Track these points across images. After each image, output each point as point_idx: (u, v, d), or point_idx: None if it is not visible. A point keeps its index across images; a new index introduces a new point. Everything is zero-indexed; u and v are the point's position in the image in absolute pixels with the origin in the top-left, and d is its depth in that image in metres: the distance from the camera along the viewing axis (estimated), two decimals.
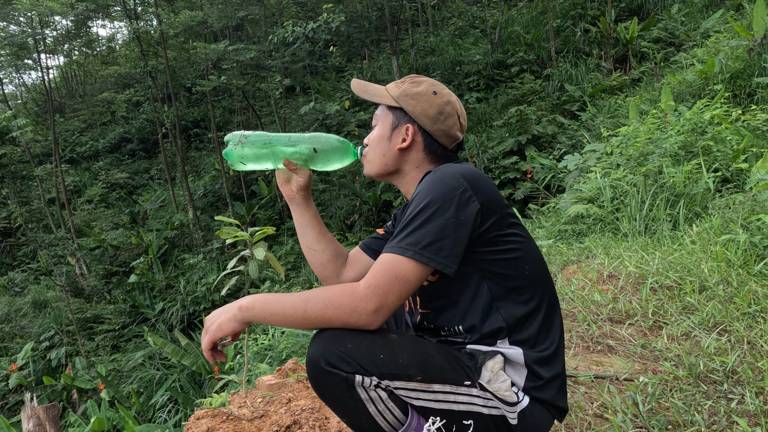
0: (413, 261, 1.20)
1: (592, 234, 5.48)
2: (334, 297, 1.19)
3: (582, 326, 2.46)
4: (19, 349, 15.57)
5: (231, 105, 21.82)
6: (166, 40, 16.79)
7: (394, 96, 1.48)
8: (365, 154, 1.54)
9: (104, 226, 21.34)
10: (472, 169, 1.34)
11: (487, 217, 1.27)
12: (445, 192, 1.23)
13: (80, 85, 33.35)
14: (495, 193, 1.32)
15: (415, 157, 1.47)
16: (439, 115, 1.44)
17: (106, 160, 26.88)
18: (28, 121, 13.25)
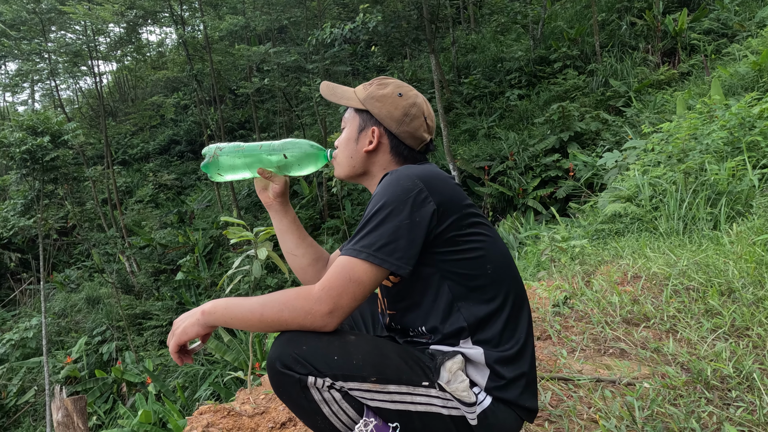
0: (367, 263, 1.20)
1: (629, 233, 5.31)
2: (289, 300, 1.20)
3: (596, 328, 2.39)
4: (74, 342, 16.34)
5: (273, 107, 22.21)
6: (211, 45, 17.25)
7: (360, 99, 1.48)
8: (335, 156, 1.54)
9: (153, 226, 22.12)
10: (431, 169, 1.32)
11: (444, 217, 1.25)
12: (400, 193, 1.23)
13: (131, 90, 34.66)
14: (454, 193, 1.30)
15: (381, 159, 1.47)
16: (404, 117, 1.44)
17: (156, 161, 27.83)
18: (79, 125, 13.88)
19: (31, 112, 28.14)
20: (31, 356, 16.09)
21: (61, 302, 18.67)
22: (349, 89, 1.55)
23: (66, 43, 19.05)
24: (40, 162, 11.58)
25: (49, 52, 18.53)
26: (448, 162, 13.45)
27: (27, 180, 12.01)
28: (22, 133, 11.52)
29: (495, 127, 15.58)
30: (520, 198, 12.69)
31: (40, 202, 12.20)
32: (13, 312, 20.47)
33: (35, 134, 11.73)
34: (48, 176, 12.24)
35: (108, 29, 22.80)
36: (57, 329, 17.14)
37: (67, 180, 12.93)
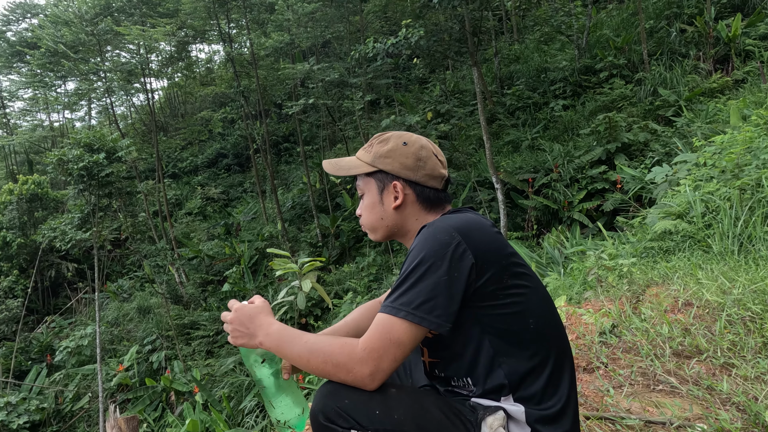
0: (406, 322, 1.20)
1: (680, 252, 5.12)
2: (334, 353, 1.22)
3: (645, 361, 2.31)
4: (126, 351, 16.91)
5: (317, 120, 22.54)
6: (257, 61, 17.69)
7: (368, 161, 1.50)
8: (364, 224, 1.56)
9: (201, 237, 22.74)
10: (469, 219, 1.31)
11: (483, 270, 1.24)
12: (438, 248, 1.23)
13: (181, 105, 35.86)
14: (493, 243, 1.28)
15: (411, 209, 1.48)
16: (418, 162, 1.45)
17: (204, 174, 28.64)
18: (132, 142, 14.45)
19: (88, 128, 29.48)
20: (86, 363, 16.72)
21: (114, 311, 19.38)
22: (351, 158, 1.57)
23: (121, 63, 19.89)
24: (95, 177, 12.11)
25: (105, 71, 19.40)
26: (491, 174, 13.32)
27: (84, 195, 12.57)
28: (79, 150, 12.09)
29: (539, 138, 15.36)
30: (566, 211, 12.44)
31: (96, 215, 12.72)
32: (69, 320, 21.36)
33: (92, 151, 12.28)
34: (103, 191, 12.77)
35: (160, 48, 23.68)
36: (110, 338, 17.77)
37: (121, 194, 13.45)
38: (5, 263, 22.36)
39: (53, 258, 23.06)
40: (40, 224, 23.83)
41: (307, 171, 19.38)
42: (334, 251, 17.61)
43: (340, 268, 16.74)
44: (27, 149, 33.17)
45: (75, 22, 17.83)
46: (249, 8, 16.96)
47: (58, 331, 20.41)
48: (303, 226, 20.03)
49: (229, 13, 18.68)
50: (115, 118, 25.69)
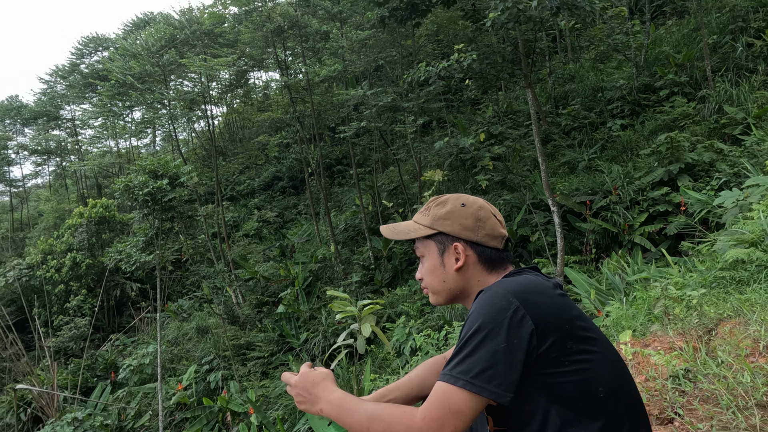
0: (465, 391, 1.17)
1: (755, 284, 4.84)
2: (393, 422, 1.21)
3: (726, 414, 2.16)
4: (185, 370, 17.37)
5: (369, 144, 22.80)
6: (312, 88, 18.13)
7: (427, 224, 1.50)
8: (425, 287, 1.55)
9: (257, 259, 23.26)
10: (528, 282, 1.27)
11: (545, 337, 1.19)
12: (495, 314, 1.20)
13: (239, 130, 37.11)
14: (555, 307, 1.23)
15: (473, 271, 1.46)
16: (477, 222, 1.44)
17: (260, 197, 29.41)
18: (193, 168, 15.06)
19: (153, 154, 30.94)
20: (147, 382, 17.27)
21: (174, 331, 20.01)
22: (409, 222, 1.58)
23: (183, 92, 20.82)
24: (159, 202, 12.64)
25: (169, 100, 20.36)
26: (547, 197, 13.05)
27: (148, 219, 13.12)
28: (144, 176, 12.67)
29: (596, 159, 14.98)
30: (626, 234, 12.01)
31: (159, 238, 13.23)
32: (132, 338, 22.20)
33: (156, 177, 12.86)
34: (166, 215, 13.30)
35: (219, 76, 24.65)
36: (170, 356, 18.31)
37: (182, 218, 13.96)
38: (75, 283, 23.55)
39: (118, 278, 24.12)
40: (107, 246, 25.03)
41: (360, 193, 19.57)
42: (387, 274, 17.61)
43: (393, 290, 16.71)
44: (96, 174, 35.09)
45: (142, 54, 18.89)
46: (304, 37, 17.46)
47: (121, 349, 21.23)
48: (356, 248, 20.17)
49: (285, 41, 19.30)
50: (178, 144, 26.87)
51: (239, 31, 18.12)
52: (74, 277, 23.46)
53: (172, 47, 18.91)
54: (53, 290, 23.09)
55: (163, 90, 20.12)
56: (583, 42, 19.33)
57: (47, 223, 33.96)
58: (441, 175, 13.07)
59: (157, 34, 19.48)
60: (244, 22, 17.14)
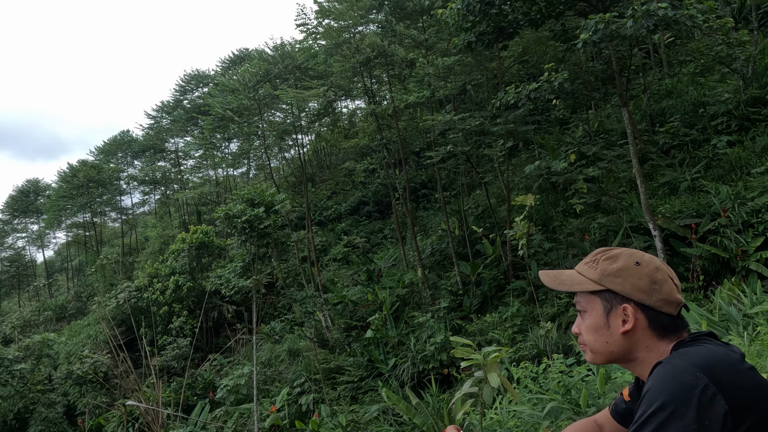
0: None
1: None
2: None
3: None
4: (278, 392, 17.84)
5: (455, 167, 22.73)
6: (398, 114, 18.43)
7: (594, 279, 1.39)
8: (582, 344, 1.46)
9: (345, 283, 23.66)
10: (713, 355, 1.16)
11: (740, 419, 1.07)
12: (680, 391, 1.09)
13: (327, 157, 38.29)
14: (749, 383, 1.11)
15: (641, 336, 1.34)
16: (653, 285, 1.32)
17: (347, 221, 30.04)
18: (286, 196, 15.70)
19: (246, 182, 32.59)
20: (243, 402, 17.90)
21: (267, 353, 20.67)
22: (572, 272, 1.48)
23: (276, 123, 21.85)
24: (256, 230, 13.24)
25: (263, 131, 21.44)
26: (648, 220, 12.37)
27: (245, 246, 13.75)
28: (242, 205, 13.35)
29: (700, 179, 14.04)
30: (740, 260, 11.10)
31: (255, 264, 13.81)
32: (229, 359, 23.16)
33: (253, 206, 13.50)
34: (261, 241, 13.88)
35: (309, 106, 25.66)
36: (263, 378, 18.90)
37: (276, 244, 14.50)
38: (177, 305, 25.04)
39: (216, 300, 25.36)
40: (206, 269, 26.49)
41: (446, 217, 19.47)
42: (475, 300, 17.31)
43: (482, 317, 16.38)
44: (197, 201, 37.39)
45: (240, 89, 20.08)
46: (391, 65, 17.84)
47: (219, 369, 22.20)
48: (443, 273, 20.01)
49: (372, 70, 19.80)
50: (271, 173, 28.11)
51: (329, 64, 18.83)
52: (177, 299, 24.95)
53: (267, 81, 19.97)
54: (158, 311, 24.67)
55: (258, 122, 21.21)
56: (680, 56, 18.34)
57: (153, 248, 36.50)
58: (533, 199, 12.76)
59: (252, 69, 20.67)
60: (335, 56, 17.80)
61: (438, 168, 20.79)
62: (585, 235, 15.62)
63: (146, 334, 23.93)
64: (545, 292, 15.44)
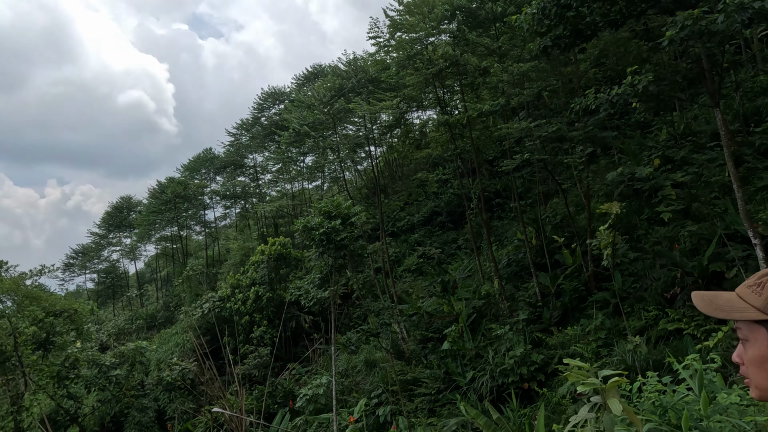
0: None
1: None
2: None
3: None
4: (355, 402, 17.98)
5: (531, 176, 22.20)
6: (471, 123, 18.25)
7: (759, 306, 1.24)
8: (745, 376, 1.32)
9: (419, 294, 23.57)
10: None
11: None
12: None
13: (399, 168, 38.52)
14: None
15: None
16: None
17: (419, 232, 30.00)
18: (362, 208, 15.89)
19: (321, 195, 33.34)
20: (322, 411, 18.16)
21: (344, 363, 20.90)
22: (731, 296, 1.32)
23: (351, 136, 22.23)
24: (333, 242, 13.47)
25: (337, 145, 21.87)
26: (746, 227, 11.50)
27: (323, 257, 14.01)
28: (320, 218, 13.64)
29: None
30: None
31: (332, 275, 14.03)
32: (307, 368, 23.63)
33: (329, 218, 13.76)
34: (338, 253, 14.09)
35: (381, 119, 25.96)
36: (341, 388, 19.11)
37: (353, 256, 14.68)
38: (257, 314, 25.89)
39: (294, 311, 26.00)
40: (284, 280, 27.25)
41: (523, 227, 19.01)
42: (556, 312, 16.73)
43: (563, 330, 15.80)
44: (274, 214, 38.64)
45: (315, 104, 20.63)
46: (464, 74, 17.73)
47: (297, 378, 22.69)
48: (520, 284, 19.52)
49: (444, 80, 19.75)
50: (346, 185, 28.63)
51: (401, 75, 18.98)
52: (257, 309, 25.79)
53: (341, 96, 20.39)
54: (240, 321, 25.60)
55: (333, 135, 21.68)
56: None
57: (234, 259, 38.01)
58: (618, 207, 12.21)
59: (327, 84, 21.17)
60: (408, 69, 17.91)
61: (513, 176, 20.36)
62: (674, 244, 14.76)
63: (229, 343, 24.87)
64: (631, 304, 14.69)
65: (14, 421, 18.63)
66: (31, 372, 19.82)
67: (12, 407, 18.65)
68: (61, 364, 21.05)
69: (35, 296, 20.54)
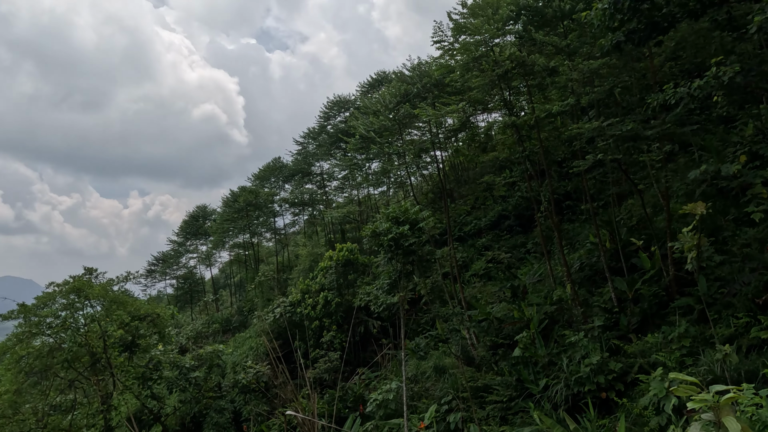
0: None
1: None
2: None
3: None
4: (425, 408, 17.88)
5: (603, 176, 21.40)
6: (539, 125, 17.80)
7: None
8: None
9: (488, 299, 23.18)
10: None
11: None
12: None
13: (464, 172, 38.13)
14: None
15: None
16: None
17: (487, 236, 29.51)
18: (430, 212, 15.83)
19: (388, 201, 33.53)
20: (392, 417, 18.18)
21: (413, 368, 20.84)
22: None
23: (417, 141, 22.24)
24: (401, 247, 13.48)
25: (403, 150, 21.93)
26: None
27: (392, 263, 14.05)
28: (388, 223, 13.69)
29: None
30: None
31: (401, 281, 14.04)
32: (376, 373, 23.75)
33: (398, 224, 13.79)
34: (407, 259, 14.08)
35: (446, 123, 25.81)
36: (410, 394, 19.06)
37: (421, 261, 14.63)
38: (327, 319, 26.30)
39: (362, 316, 26.24)
40: (351, 286, 27.56)
41: (597, 229, 18.32)
42: (634, 318, 15.99)
43: (643, 337, 15.06)
44: (341, 220, 39.23)
45: (381, 110, 20.80)
46: (530, 75, 17.33)
47: (367, 383, 22.85)
48: (594, 289, 18.80)
49: (510, 81, 19.38)
50: (412, 189, 28.64)
51: (466, 79, 18.80)
52: (326, 314, 26.21)
53: (406, 101, 20.43)
54: (310, 325, 26.10)
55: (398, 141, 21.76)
56: None
57: (303, 265, 38.86)
58: (703, 207, 11.53)
59: (392, 90, 21.29)
60: (473, 71, 17.72)
61: (585, 177, 19.66)
62: (766, 246, 13.77)
63: (300, 347, 25.41)
64: (718, 310, 13.80)
65: (104, 419, 19.82)
66: (118, 373, 21.03)
67: (102, 406, 19.85)
68: (145, 366, 22.22)
69: (121, 301, 21.80)
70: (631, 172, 19.30)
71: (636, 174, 20.22)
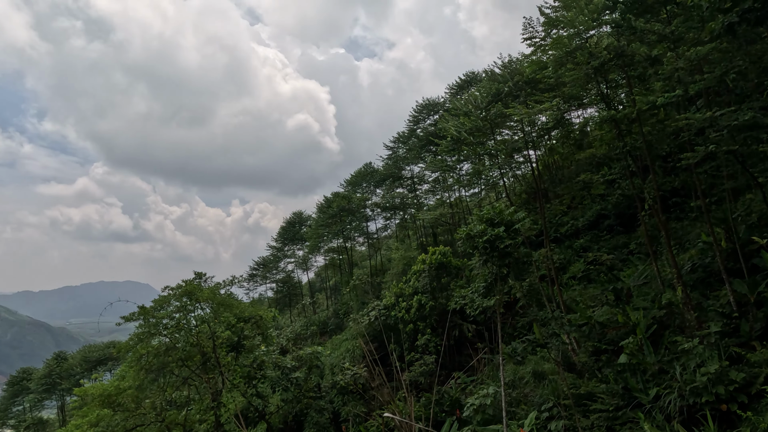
0: None
1: None
2: None
3: None
4: (524, 414, 17.40)
5: (714, 171, 19.81)
6: (641, 118, 16.79)
7: None
8: None
9: (588, 303, 22.14)
10: None
11: None
12: None
13: (559, 171, 36.75)
14: None
15: None
16: None
17: (585, 237, 28.23)
18: (526, 213, 15.41)
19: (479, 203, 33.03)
20: (490, 422, 17.85)
21: (510, 374, 20.35)
22: None
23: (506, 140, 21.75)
24: (497, 249, 13.22)
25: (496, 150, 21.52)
26: None
27: (487, 265, 13.82)
28: (483, 225, 13.48)
29: None
30: None
31: (497, 284, 13.77)
32: (472, 377, 23.44)
33: (492, 225, 13.54)
34: (502, 261, 13.79)
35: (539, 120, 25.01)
36: (508, 399, 18.62)
37: (517, 264, 14.28)
38: (421, 323, 26.33)
39: (456, 319, 26.01)
40: (445, 289, 27.41)
41: (710, 227, 16.96)
42: (757, 324, 14.63)
43: None
44: (432, 223, 39.17)
45: (472, 111, 20.55)
46: (630, 65, 16.39)
47: (463, 387, 22.60)
48: (709, 293, 17.43)
49: (607, 74, 18.44)
50: (506, 190, 28.02)
51: (560, 74, 18.12)
52: (420, 317, 26.25)
53: (498, 101, 20.05)
54: (404, 329, 26.25)
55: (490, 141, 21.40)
56: None
57: (396, 269, 39.19)
58: None
59: (483, 90, 20.97)
60: (568, 65, 17.05)
61: (694, 172, 18.29)
62: None
63: (395, 350, 25.62)
64: None
65: (215, 415, 21.05)
66: (226, 371, 22.27)
67: (213, 403, 21.11)
68: (250, 365, 23.36)
69: (228, 304, 23.08)
70: (749, 164, 17.70)
71: (755, 167, 18.53)
